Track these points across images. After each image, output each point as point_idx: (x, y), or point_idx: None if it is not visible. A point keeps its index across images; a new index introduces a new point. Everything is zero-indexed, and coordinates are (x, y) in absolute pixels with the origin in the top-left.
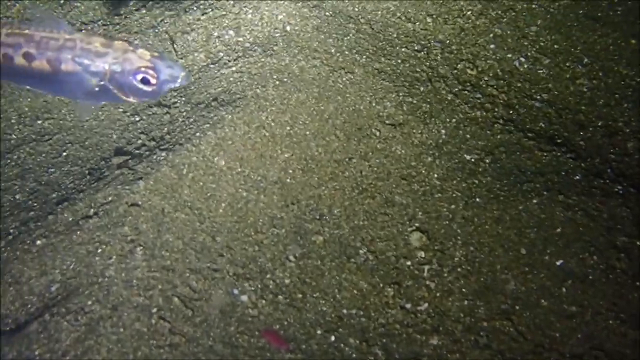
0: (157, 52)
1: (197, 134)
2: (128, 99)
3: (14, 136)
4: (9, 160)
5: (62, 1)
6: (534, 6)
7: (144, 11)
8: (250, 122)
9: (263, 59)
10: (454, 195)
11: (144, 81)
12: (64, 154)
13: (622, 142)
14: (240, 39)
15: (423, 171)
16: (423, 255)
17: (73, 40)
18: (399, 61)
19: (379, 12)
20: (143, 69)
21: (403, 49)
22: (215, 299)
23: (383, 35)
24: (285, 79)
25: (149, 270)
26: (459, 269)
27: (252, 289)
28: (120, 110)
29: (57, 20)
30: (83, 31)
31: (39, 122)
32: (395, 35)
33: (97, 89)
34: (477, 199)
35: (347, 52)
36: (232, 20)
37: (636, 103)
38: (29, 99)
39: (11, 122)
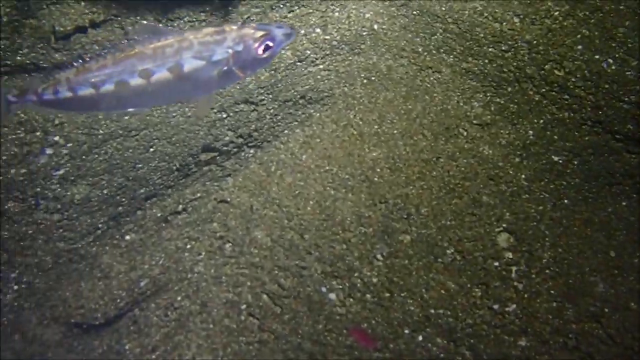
0: (255, 23)
1: (285, 131)
2: (245, 75)
3: (101, 131)
4: (96, 155)
5: None
6: (621, 7)
7: (230, 8)
8: (338, 120)
9: (350, 57)
10: (541, 196)
11: (266, 49)
12: (151, 149)
13: None
14: (328, 37)
15: (510, 172)
16: (511, 256)
17: (187, 40)
18: (486, 61)
19: (466, 12)
20: (262, 38)
21: (490, 49)
22: None
23: (470, 34)
24: (373, 78)
25: (237, 267)
26: (547, 271)
27: (340, 287)
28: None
29: (158, 27)
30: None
31: (126, 117)
32: (482, 35)
33: (218, 77)
34: (565, 201)
35: (434, 52)
36: (319, 18)
37: None
38: None
39: (98, 117)
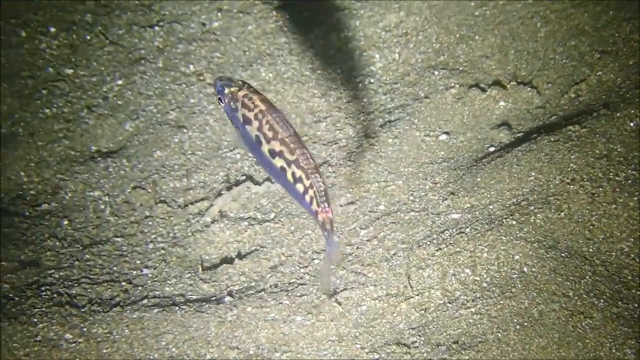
0: None
1: None
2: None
3: None
4: None
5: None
6: None
7: (376, 242)
8: None
9: (502, 301)
10: None
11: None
12: None
13: None
14: (477, 278)
15: None
16: None
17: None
18: (636, 305)
19: (614, 253)
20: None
21: (639, 293)
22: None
23: (618, 277)
24: (525, 323)
25: None
26: None
27: None
28: (358, 346)
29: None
30: None
31: (277, 354)
32: (630, 278)
33: None
34: None
35: (584, 296)
36: (467, 257)
37: None
38: (266, 330)
39: (249, 353)
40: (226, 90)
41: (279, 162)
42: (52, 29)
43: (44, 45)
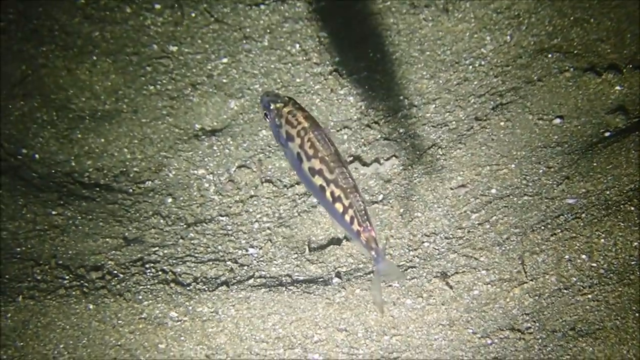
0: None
1: None
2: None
3: (361, 351)
4: None
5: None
6: None
7: (488, 226)
8: (612, 356)
9: (620, 288)
10: None
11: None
12: None
13: None
14: (594, 264)
15: None
16: None
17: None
18: None
19: None
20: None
21: None
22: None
23: None
24: None
25: None
26: None
27: None
28: (470, 330)
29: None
30: None
31: (386, 337)
32: None
33: None
34: None
35: None
36: (583, 243)
37: None
38: (374, 313)
39: (357, 335)
40: (272, 106)
41: (318, 181)
42: (157, 6)
43: (149, 22)
